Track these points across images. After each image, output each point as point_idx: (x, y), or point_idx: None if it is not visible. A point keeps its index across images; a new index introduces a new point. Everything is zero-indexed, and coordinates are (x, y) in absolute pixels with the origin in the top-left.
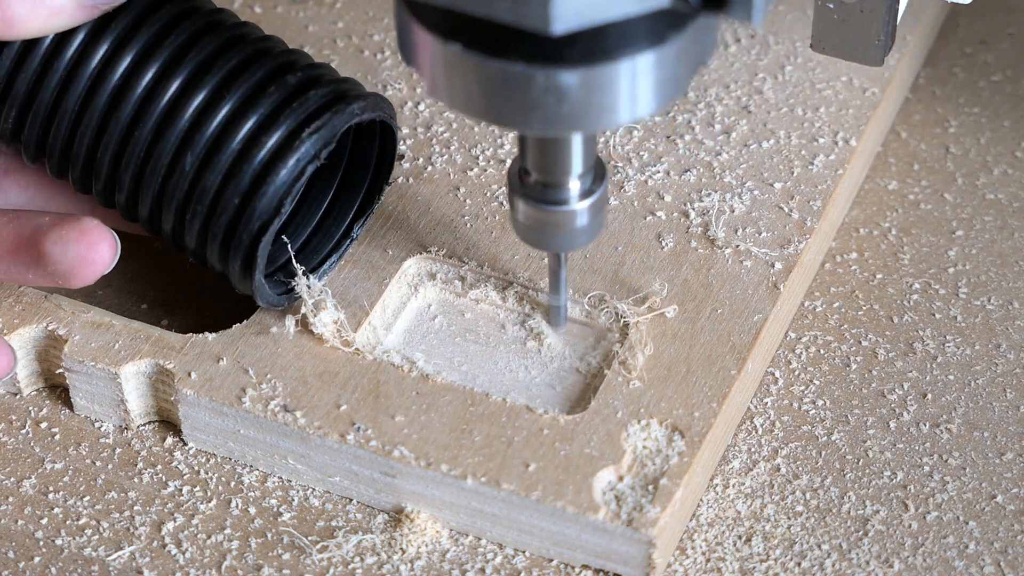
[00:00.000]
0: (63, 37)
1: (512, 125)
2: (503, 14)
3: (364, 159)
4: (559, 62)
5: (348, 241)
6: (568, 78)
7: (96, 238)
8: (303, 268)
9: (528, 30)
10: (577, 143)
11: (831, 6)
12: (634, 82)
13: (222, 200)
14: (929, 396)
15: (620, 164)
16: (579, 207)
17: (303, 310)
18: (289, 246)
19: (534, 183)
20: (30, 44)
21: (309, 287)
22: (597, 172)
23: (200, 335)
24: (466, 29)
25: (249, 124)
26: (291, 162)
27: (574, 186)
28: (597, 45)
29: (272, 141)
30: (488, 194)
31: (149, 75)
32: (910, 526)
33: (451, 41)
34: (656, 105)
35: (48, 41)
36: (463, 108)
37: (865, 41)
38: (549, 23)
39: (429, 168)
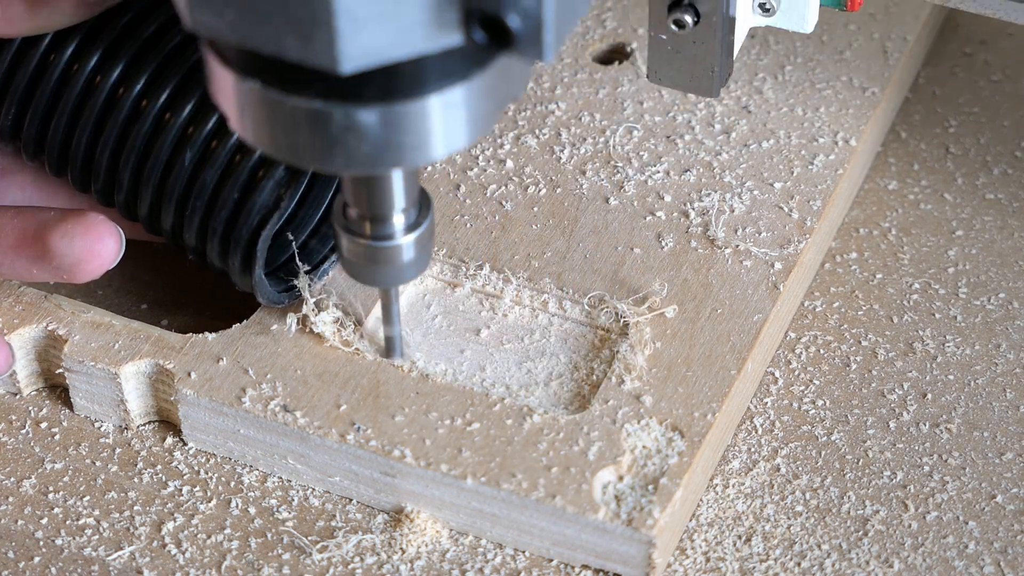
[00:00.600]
0: (61, 35)
1: (315, 165)
2: (293, 53)
3: None
4: (357, 100)
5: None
6: (366, 116)
7: (102, 232)
8: (301, 268)
9: (318, 69)
10: (397, 178)
11: (663, 37)
12: (436, 120)
13: (221, 195)
14: (929, 396)
15: (620, 164)
16: (404, 242)
17: (304, 309)
18: (292, 244)
19: (357, 218)
20: (28, 42)
21: (310, 287)
22: (422, 204)
23: (200, 335)
24: (265, 66)
25: None
26: None
27: (398, 220)
28: (396, 82)
29: None
30: (488, 194)
31: (146, 74)
32: (910, 526)
33: (249, 78)
34: (461, 142)
35: (47, 39)
36: (266, 147)
37: (699, 73)
38: (337, 62)
39: (429, 168)
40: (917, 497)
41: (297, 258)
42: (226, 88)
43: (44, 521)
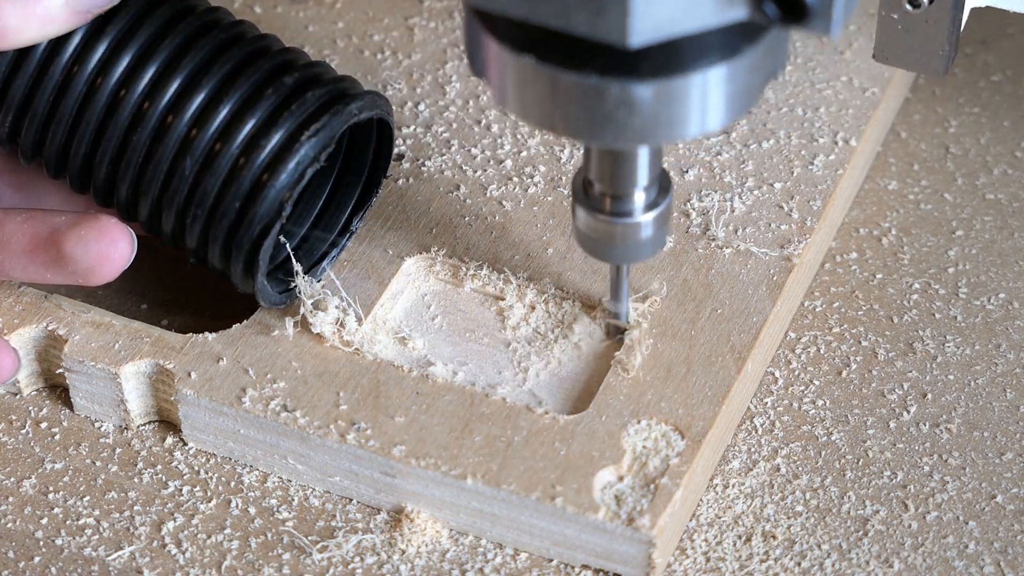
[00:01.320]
0: (58, 41)
1: (584, 137)
2: (580, 27)
3: (362, 153)
4: (633, 74)
5: (347, 235)
6: (642, 91)
7: (115, 235)
8: (302, 267)
9: (605, 43)
10: (644, 155)
11: (895, 16)
12: (706, 95)
13: (222, 204)
14: (929, 396)
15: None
16: (644, 219)
17: (303, 310)
18: (288, 247)
19: (599, 194)
20: (25, 49)
21: (309, 287)
22: (662, 184)
23: (200, 335)
24: (539, 41)
25: (248, 127)
26: (291, 165)
27: (639, 198)
28: (671, 58)
29: (271, 144)
30: (488, 194)
31: (146, 79)
32: (910, 526)
33: (524, 53)
34: (727, 118)
35: (43, 46)
36: (534, 120)
37: (929, 51)
38: (627, 36)
39: (429, 168)
40: (917, 497)
41: (299, 250)
42: (495, 63)
43: (44, 521)
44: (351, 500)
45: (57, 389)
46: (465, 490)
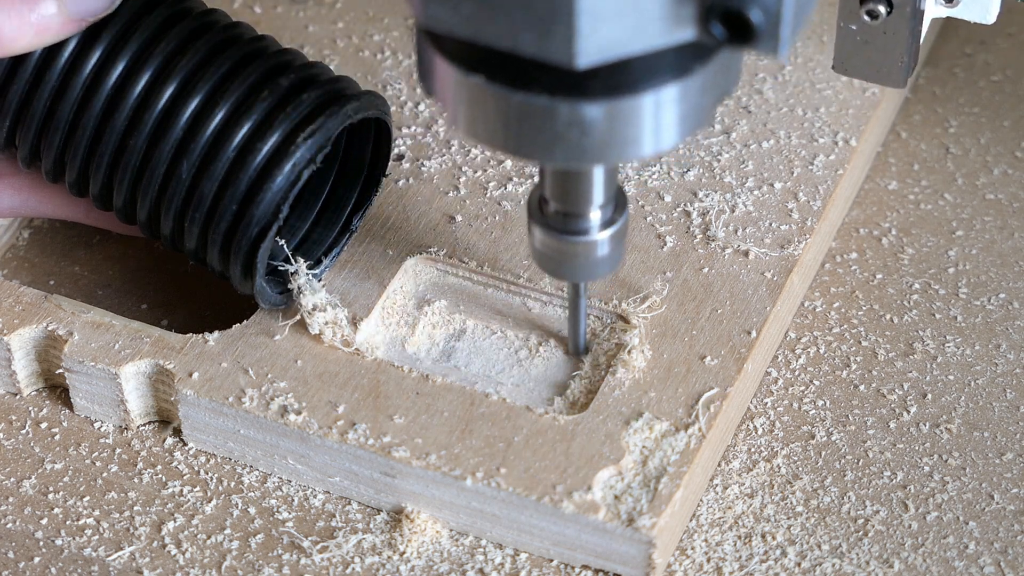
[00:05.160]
0: (54, 46)
1: (535, 157)
2: (528, 48)
3: (360, 153)
4: (583, 95)
5: (348, 234)
6: (592, 111)
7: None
8: (301, 268)
9: (552, 64)
10: (599, 174)
11: (853, 27)
12: (658, 114)
13: (220, 207)
14: (929, 396)
15: (620, 164)
16: (600, 237)
17: (302, 310)
18: (286, 248)
19: (554, 212)
20: (22, 54)
21: (310, 287)
22: (618, 202)
23: (200, 335)
24: (489, 61)
25: (244, 130)
26: (287, 168)
27: (595, 216)
28: (621, 77)
29: (267, 147)
30: (488, 194)
31: (142, 82)
32: (910, 526)
33: (473, 73)
34: (679, 137)
35: (40, 51)
36: (485, 140)
37: (888, 63)
38: (574, 57)
39: (429, 168)
40: (917, 497)
41: (299, 249)
42: (446, 82)
43: (44, 521)
44: (351, 500)
45: (57, 389)
46: (465, 490)
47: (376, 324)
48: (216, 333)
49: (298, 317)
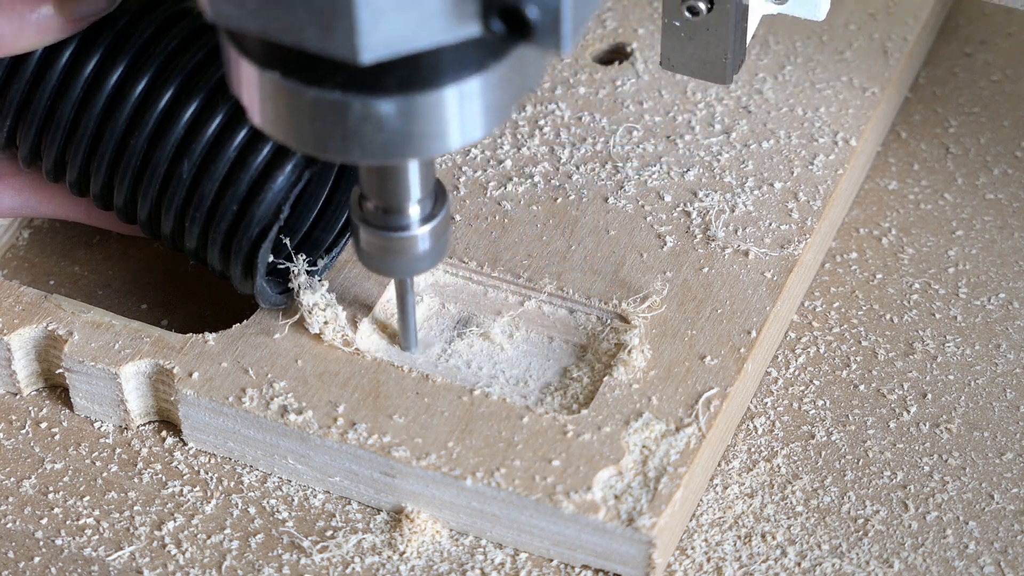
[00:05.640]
0: (55, 46)
1: (331, 154)
2: (312, 43)
3: None
4: (375, 90)
5: (347, 235)
6: (385, 107)
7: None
8: (300, 268)
9: (337, 59)
10: (412, 169)
11: (677, 24)
12: (453, 110)
13: (220, 207)
14: (929, 396)
15: (620, 164)
16: (419, 232)
17: (302, 310)
18: (288, 246)
19: (373, 209)
20: (22, 54)
21: (309, 287)
22: (438, 195)
23: (200, 335)
24: (285, 58)
25: (245, 130)
26: (288, 168)
27: (414, 211)
28: (414, 73)
29: (268, 147)
30: (488, 194)
31: (143, 82)
32: (910, 526)
33: (269, 69)
34: (479, 132)
35: (40, 51)
36: (284, 138)
37: (712, 59)
38: (357, 53)
39: None
40: (917, 497)
41: (300, 249)
42: (246, 79)
43: (44, 521)
44: (351, 500)
45: (57, 389)
46: (465, 490)
47: (376, 324)
48: (216, 333)
49: (298, 317)
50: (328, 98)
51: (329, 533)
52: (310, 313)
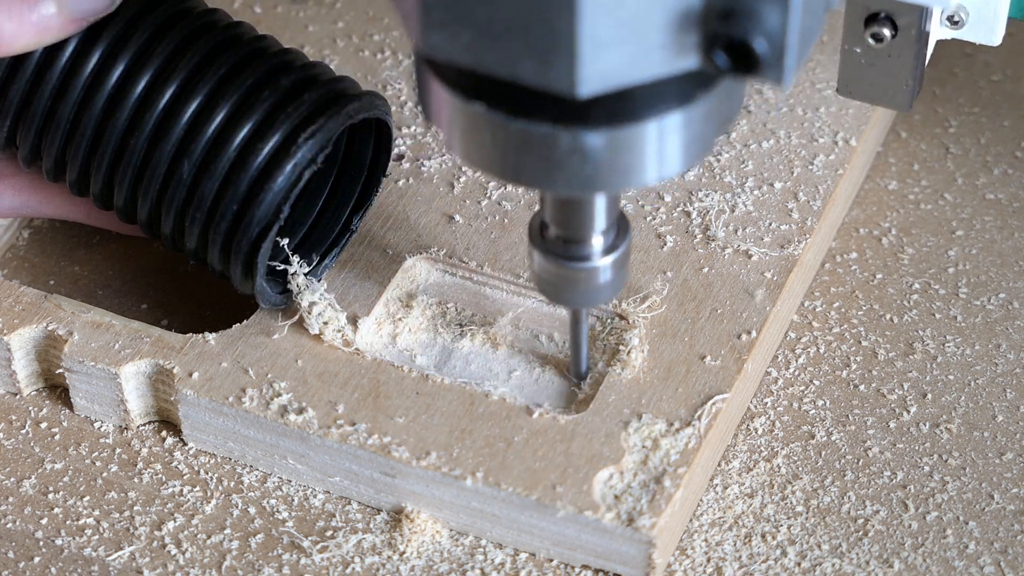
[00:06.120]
0: (55, 45)
1: (535, 184)
2: (528, 76)
3: (361, 153)
4: (585, 123)
5: (348, 234)
6: (594, 139)
7: None
8: (300, 268)
9: (553, 93)
10: (600, 200)
11: (858, 50)
12: (660, 143)
13: (220, 207)
14: (929, 396)
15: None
16: (601, 264)
17: (302, 310)
18: (287, 248)
19: (554, 238)
20: (22, 54)
21: (309, 287)
22: (620, 227)
23: (200, 335)
24: (488, 89)
25: (245, 130)
26: (288, 168)
27: (597, 242)
28: (623, 105)
29: (268, 147)
30: (488, 194)
31: (143, 82)
32: (910, 526)
33: (473, 101)
34: (682, 165)
35: (40, 50)
36: (484, 167)
37: (893, 86)
38: (576, 86)
39: (429, 168)
40: (917, 497)
41: (299, 249)
42: (446, 109)
43: (44, 521)
44: (351, 500)
45: (57, 389)
46: (465, 490)
47: (376, 324)
48: (216, 333)
49: (298, 317)
50: (537, 131)
51: (329, 533)
52: (310, 313)
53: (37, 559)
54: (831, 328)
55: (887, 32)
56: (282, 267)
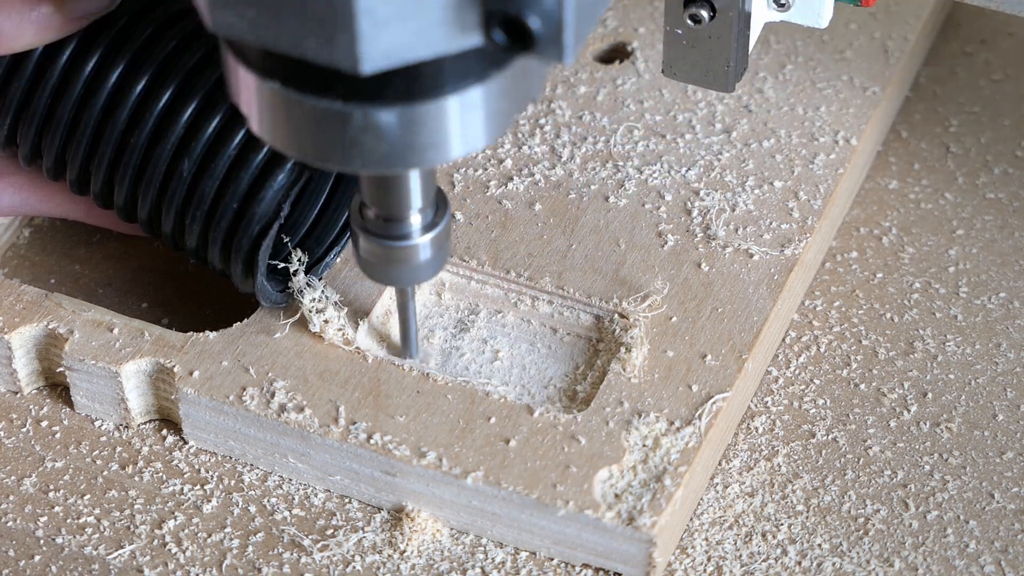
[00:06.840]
0: (55, 44)
1: (332, 163)
2: (314, 53)
3: None
4: (377, 100)
5: (348, 234)
6: (386, 116)
7: None
8: (300, 268)
9: (337, 69)
10: (414, 177)
11: (679, 32)
12: (454, 120)
13: (221, 205)
14: (929, 395)
15: (621, 163)
16: (421, 241)
17: (303, 309)
18: (289, 245)
19: (374, 218)
20: (22, 52)
21: (309, 286)
22: (439, 204)
23: (201, 334)
24: (285, 67)
25: (245, 128)
26: (288, 165)
27: (415, 220)
28: (415, 83)
29: (268, 145)
30: (488, 193)
31: (143, 81)
32: (910, 525)
33: (269, 79)
34: (480, 143)
35: (40, 49)
36: (284, 147)
37: (715, 67)
38: (358, 63)
39: None
40: (918, 496)
41: (301, 248)
42: (246, 89)
43: (44, 520)
44: (351, 499)
45: (57, 388)
46: (466, 489)
47: (376, 323)
48: (217, 332)
49: (298, 316)
50: (329, 108)
51: (330, 532)
52: (311, 312)
53: (37, 558)
54: (831, 327)
55: (705, 14)
56: (283, 265)
